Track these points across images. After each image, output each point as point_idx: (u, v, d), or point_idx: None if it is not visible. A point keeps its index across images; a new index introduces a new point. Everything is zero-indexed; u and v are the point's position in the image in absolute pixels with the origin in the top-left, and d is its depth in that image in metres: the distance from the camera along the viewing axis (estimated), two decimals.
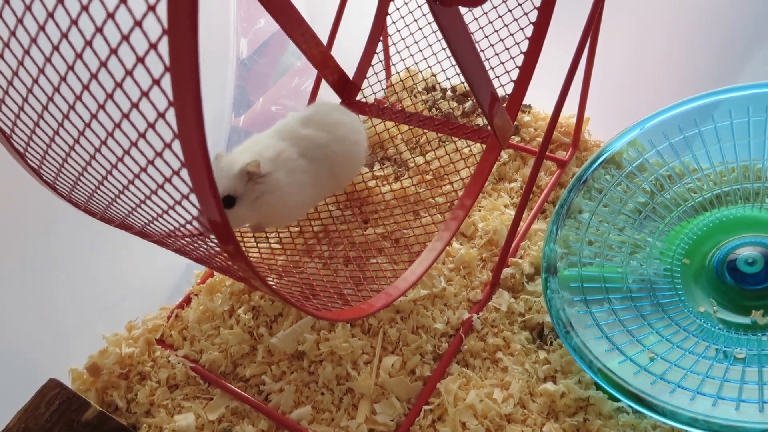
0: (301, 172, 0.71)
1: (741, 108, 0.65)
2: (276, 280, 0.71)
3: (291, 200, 0.70)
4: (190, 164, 0.31)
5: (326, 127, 0.75)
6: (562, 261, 0.70)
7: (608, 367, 0.61)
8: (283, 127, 0.75)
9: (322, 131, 0.74)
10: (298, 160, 0.71)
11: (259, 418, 0.70)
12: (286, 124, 0.75)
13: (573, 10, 0.73)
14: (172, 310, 0.83)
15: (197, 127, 0.29)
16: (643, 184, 0.71)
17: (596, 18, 0.72)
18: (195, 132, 0.29)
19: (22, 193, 0.74)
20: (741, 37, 0.91)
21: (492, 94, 0.63)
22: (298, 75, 1.25)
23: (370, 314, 0.63)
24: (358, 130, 0.80)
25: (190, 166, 0.31)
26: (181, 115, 0.28)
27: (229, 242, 0.37)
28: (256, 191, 0.66)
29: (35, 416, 0.64)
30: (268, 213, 0.70)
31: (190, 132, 0.29)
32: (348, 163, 0.79)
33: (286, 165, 0.70)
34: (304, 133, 0.74)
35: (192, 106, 0.28)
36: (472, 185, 0.77)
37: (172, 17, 0.26)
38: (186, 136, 0.29)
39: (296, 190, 0.71)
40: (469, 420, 0.65)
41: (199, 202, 0.33)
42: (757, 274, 0.63)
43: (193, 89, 0.27)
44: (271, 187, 0.67)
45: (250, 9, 1.22)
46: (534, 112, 1.03)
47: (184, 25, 0.26)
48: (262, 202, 0.67)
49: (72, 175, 0.46)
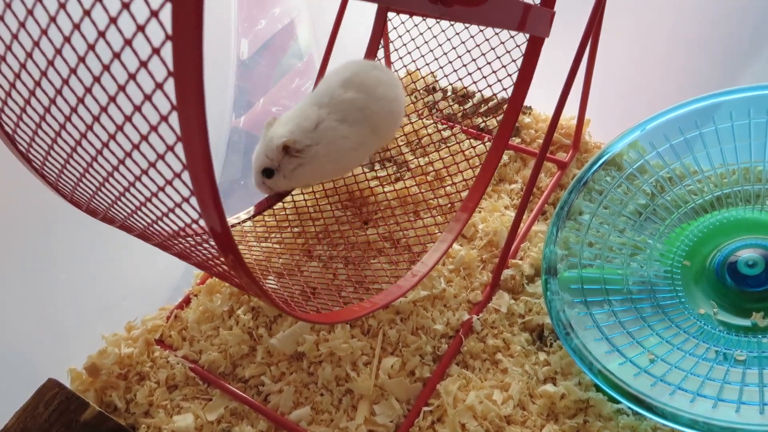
0: (341, 141, 0.73)
1: (742, 110, 0.65)
2: (276, 280, 0.71)
3: (330, 167, 0.75)
4: (196, 189, 0.31)
5: (366, 89, 0.76)
6: (563, 262, 0.70)
7: (608, 368, 0.61)
8: (324, 93, 0.76)
9: (362, 93, 0.75)
10: (339, 128, 0.73)
11: (258, 419, 0.70)
12: (327, 89, 0.76)
13: (573, 12, 0.73)
14: (172, 310, 0.82)
15: (200, 130, 0.29)
16: (644, 185, 0.71)
17: (597, 19, 0.72)
18: (198, 135, 0.29)
19: (23, 193, 0.74)
20: (742, 39, 0.91)
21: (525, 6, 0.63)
22: (298, 76, 1.25)
23: (370, 312, 0.63)
24: (396, 85, 0.82)
25: (196, 187, 0.31)
26: (184, 123, 0.28)
27: (229, 252, 0.37)
28: (293, 163, 0.71)
29: (34, 416, 0.64)
30: (307, 179, 0.75)
31: (193, 140, 0.29)
32: (389, 121, 0.80)
33: (326, 136, 0.72)
34: (345, 96, 0.75)
35: (194, 109, 0.28)
36: (477, 185, 0.77)
37: (177, 24, 0.26)
38: (190, 140, 0.29)
39: (337, 157, 0.74)
40: (469, 421, 0.65)
41: (202, 213, 0.33)
42: (758, 276, 0.63)
43: (197, 119, 0.27)
44: (309, 159, 0.71)
45: (251, 10, 1.21)
46: (534, 113, 1.03)
47: (190, 34, 0.26)
48: (300, 172, 0.72)
49: (74, 175, 0.46)
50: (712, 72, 0.94)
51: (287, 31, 1.26)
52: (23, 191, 0.72)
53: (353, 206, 0.86)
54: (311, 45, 1.29)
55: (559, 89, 0.71)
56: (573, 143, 0.94)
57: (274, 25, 1.24)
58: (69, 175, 0.47)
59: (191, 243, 0.45)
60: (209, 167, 0.30)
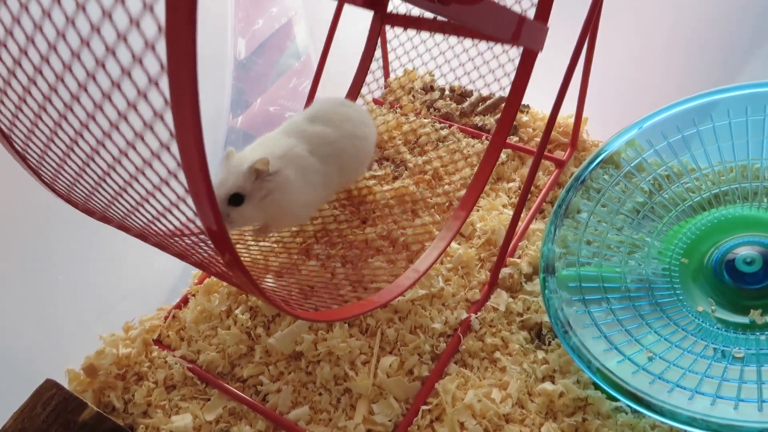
0: (312, 171, 0.71)
1: (739, 108, 0.65)
2: (274, 279, 0.71)
3: (300, 198, 0.70)
4: (192, 187, 0.31)
5: (333, 123, 0.75)
6: (561, 261, 0.70)
7: (607, 366, 0.61)
8: (291, 125, 0.75)
9: (329, 127, 0.74)
10: (309, 158, 0.71)
11: (256, 419, 0.70)
12: (294, 123, 0.75)
13: (571, 10, 0.73)
14: (170, 310, 0.82)
15: (194, 127, 0.28)
16: (642, 183, 0.71)
17: (594, 18, 0.72)
18: (192, 132, 0.29)
19: (21, 193, 0.74)
20: (739, 37, 0.91)
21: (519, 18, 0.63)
22: (296, 76, 1.25)
23: (369, 310, 0.62)
24: (366, 123, 0.80)
25: (191, 185, 0.31)
26: (179, 117, 0.28)
27: (225, 251, 0.37)
28: (264, 189, 0.66)
29: (32, 417, 0.64)
30: (276, 211, 0.68)
31: (187, 136, 0.29)
32: (358, 159, 0.78)
33: (296, 162, 0.69)
34: (312, 130, 0.73)
35: (190, 106, 0.28)
36: (475, 183, 0.77)
37: (170, 18, 0.26)
38: (183, 138, 0.29)
39: (306, 188, 0.70)
40: (468, 420, 0.65)
41: (198, 212, 0.33)
42: (756, 274, 0.63)
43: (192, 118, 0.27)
44: (280, 185, 0.66)
45: (248, 9, 1.21)
46: (532, 111, 1.03)
47: (183, 30, 0.26)
48: (270, 200, 0.66)
49: (70, 174, 0.46)
50: (710, 70, 0.94)
51: (284, 30, 1.26)
52: (22, 192, 0.72)
53: (351, 205, 0.86)
54: (308, 45, 1.29)
55: (557, 87, 0.71)
56: (571, 141, 0.94)
57: (271, 25, 1.24)
58: (65, 173, 0.47)
59: (189, 242, 0.45)
60: (204, 165, 0.30)
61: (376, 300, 0.64)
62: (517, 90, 0.75)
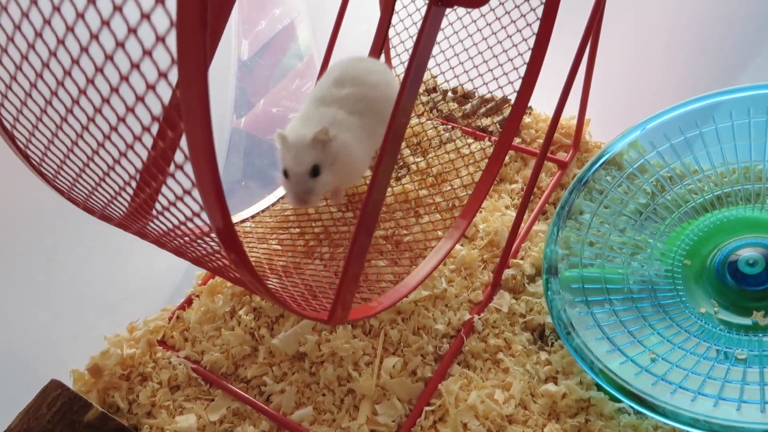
0: (357, 128, 0.76)
1: (742, 109, 0.65)
2: (276, 281, 0.71)
3: (360, 154, 0.77)
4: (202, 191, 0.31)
5: (360, 80, 0.79)
6: (563, 262, 0.70)
7: (609, 367, 0.61)
8: (322, 94, 0.78)
9: (356, 86, 0.78)
10: (350, 118, 0.76)
11: (260, 419, 0.70)
12: (323, 91, 0.79)
13: (574, 12, 0.74)
14: (174, 311, 0.82)
15: (203, 121, 0.28)
16: (644, 185, 0.71)
17: (597, 20, 0.72)
18: (201, 130, 0.29)
19: (24, 194, 0.74)
20: (741, 39, 0.91)
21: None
22: (299, 77, 1.25)
23: (376, 313, 0.62)
24: (386, 70, 0.85)
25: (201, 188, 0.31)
26: (188, 112, 0.28)
27: (232, 250, 0.37)
28: (330, 155, 0.72)
29: (37, 417, 0.64)
30: (345, 171, 0.76)
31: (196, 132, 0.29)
32: (389, 103, 0.80)
33: (343, 125, 0.75)
34: (343, 93, 0.77)
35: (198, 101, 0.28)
36: (480, 185, 0.77)
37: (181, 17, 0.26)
38: (192, 133, 0.29)
39: (359, 144, 0.76)
40: (471, 421, 0.65)
41: (205, 205, 0.33)
42: (758, 275, 0.63)
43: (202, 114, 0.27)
44: (341, 148, 0.73)
45: (251, 11, 1.22)
46: (535, 113, 1.03)
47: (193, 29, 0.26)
48: (338, 164, 0.73)
49: (73, 170, 0.46)
50: (712, 71, 0.94)
51: (287, 31, 1.27)
52: (24, 192, 0.72)
53: (354, 208, 0.86)
54: (311, 45, 1.29)
55: (560, 89, 0.71)
56: (573, 143, 0.94)
57: (274, 26, 1.24)
58: (68, 170, 0.47)
59: (190, 239, 0.45)
60: (213, 161, 0.30)
61: (382, 301, 0.64)
62: (531, 73, 0.75)
